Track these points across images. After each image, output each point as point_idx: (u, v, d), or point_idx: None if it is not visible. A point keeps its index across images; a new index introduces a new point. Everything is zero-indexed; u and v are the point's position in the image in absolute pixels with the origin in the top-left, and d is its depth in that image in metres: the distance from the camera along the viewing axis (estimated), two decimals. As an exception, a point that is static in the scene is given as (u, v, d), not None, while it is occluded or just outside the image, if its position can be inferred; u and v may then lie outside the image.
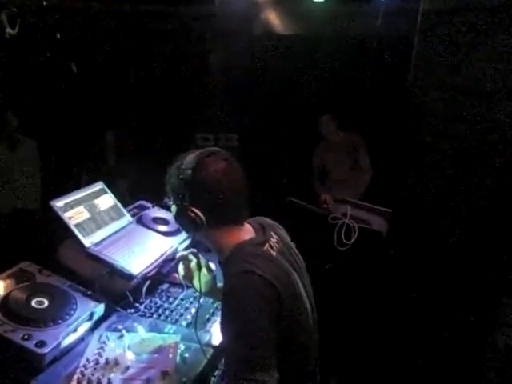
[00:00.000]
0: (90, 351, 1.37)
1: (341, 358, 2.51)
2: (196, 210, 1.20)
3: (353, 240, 2.79)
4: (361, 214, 2.96)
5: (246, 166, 1.35)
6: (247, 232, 1.29)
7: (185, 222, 1.24)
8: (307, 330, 1.26)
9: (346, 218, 2.87)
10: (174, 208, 1.28)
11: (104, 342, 1.41)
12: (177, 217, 1.27)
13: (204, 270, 1.40)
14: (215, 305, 1.68)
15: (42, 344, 1.29)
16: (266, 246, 1.24)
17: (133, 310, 1.64)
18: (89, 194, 1.92)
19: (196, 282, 1.40)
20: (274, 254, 1.24)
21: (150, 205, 2.20)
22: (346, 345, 2.54)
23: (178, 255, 1.47)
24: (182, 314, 1.64)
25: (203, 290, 1.37)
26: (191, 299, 1.73)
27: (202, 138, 4.20)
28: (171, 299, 1.73)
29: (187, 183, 1.20)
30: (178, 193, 1.23)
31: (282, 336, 1.11)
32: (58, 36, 2.14)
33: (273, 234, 1.33)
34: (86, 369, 1.29)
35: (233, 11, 3.62)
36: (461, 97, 2.07)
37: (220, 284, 1.43)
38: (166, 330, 1.53)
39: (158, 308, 1.67)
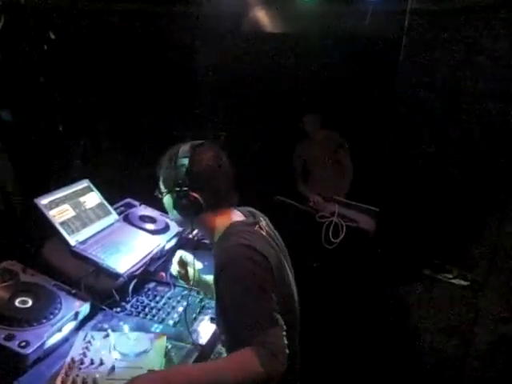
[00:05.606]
0: (75, 351, 1.35)
1: (327, 356, 2.52)
2: (196, 195, 1.28)
3: (340, 238, 2.80)
4: (348, 212, 2.97)
5: (234, 164, 1.39)
6: (238, 215, 1.40)
7: (185, 207, 1.30)
8: (294, 310, 1.35)
9: (334, 217, 2.88)
10: (170, 197, 1.34)
11: (89, 342, 1.39)
12: (176, 203, 1.32)
13: (194, 263, 1.53)
14: (202, 303, 1.68)
15: (25, 344, 1.27)
16: (257, 227, 1.34)
17: (119, 309, 1.62)
18: (74, 192, 1.89)
19: (189, 274, 1.58)
20: (264, 233, 1.34)
21: (136, 203, 2.19)
22: (332, 343, 2.56)
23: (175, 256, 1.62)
24: (168, 313, 1.63)
25: (193, 281, 1.55)
26: (178, 298, 1.72)
27: (189, 136, 4.18)
28: (158, 298, 1.72)
29: (186, 170, 1.27)
30: (177, 180, 1.29)
31: None
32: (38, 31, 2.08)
33: (261, 218, 1.45)
34: (70, 369, 1.27)
35: (220, 10, 3.60)
36: (448, 96, 2.09)
37: (205, 276, 1.63)
38: (152, 329, 1.52)
39: (145, 307, 1.66)
